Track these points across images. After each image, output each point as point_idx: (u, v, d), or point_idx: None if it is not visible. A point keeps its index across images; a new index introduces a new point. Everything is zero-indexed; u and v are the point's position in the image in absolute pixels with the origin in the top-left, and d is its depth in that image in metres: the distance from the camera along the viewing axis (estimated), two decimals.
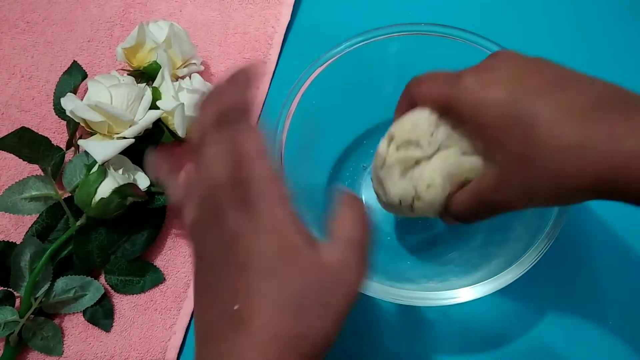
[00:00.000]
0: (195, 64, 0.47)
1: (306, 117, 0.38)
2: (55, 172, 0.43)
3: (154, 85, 0.44)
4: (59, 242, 0.41)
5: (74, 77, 0.46)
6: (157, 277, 0.42)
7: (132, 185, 0.39)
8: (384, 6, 0.53)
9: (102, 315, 0.41)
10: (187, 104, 0.43)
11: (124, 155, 0.41)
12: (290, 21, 0.52)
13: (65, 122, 0.46)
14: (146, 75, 0.46)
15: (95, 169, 0.40)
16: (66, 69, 0.46)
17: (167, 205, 0.43)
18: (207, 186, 0.24)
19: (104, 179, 0.39)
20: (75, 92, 0.45)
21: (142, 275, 0.42)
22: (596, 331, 0.40)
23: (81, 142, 0.40)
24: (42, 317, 0.40)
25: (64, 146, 0.44)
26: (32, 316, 0.40)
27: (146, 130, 0.42)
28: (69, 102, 0.41)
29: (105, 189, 0.39)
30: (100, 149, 0.39)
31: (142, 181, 0.41)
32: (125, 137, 0.40)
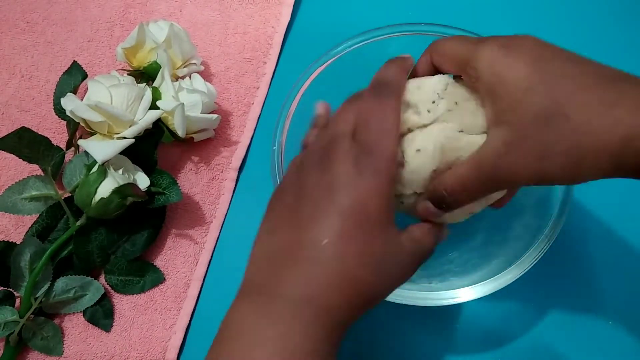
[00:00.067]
0: (195, 64, 0.47)
1: (306, 117, 0.38)
2: (55, 172, 0.43)
3: (154, 85, 0.44)
4: (59, 242, 0.41)
5: (74, 77, 0.46)
6: (157, 277, 0.42)
7: (132, 185, 0.39)
8: (384, 6, 0.53)
9: (102, 315, 0.41)
10: (187, 104, 0.43)
11: (124, 155, 0.41)
12: (290, 21, 0.52)
13: (65, 122, 0.46)
14: (146, 75, 0.46)
15: (95, 169, 0.40)
16: (66, 69, 0.46)
17: (167, 205, 0.43)
18: (331, 133, 0.28)
19: (104, 179, 0.39)
20: (75, 92, 0.45)
21: (142, 275, 0.42)
22: (596, 331, 0.40)
23: (81, 142, 0.40)
24: (42, 317, 0.40)
25: (64, 146, 0.44)
26: (32, 316, 0.40)
27: (146, 130, 0.42)
28: (69, 102, 0.41)
29: (105, 189, 0.39)
30: (100, 149, 0.39)
31: (142, 181, 0.41)
32: (125, 137, 0.40)
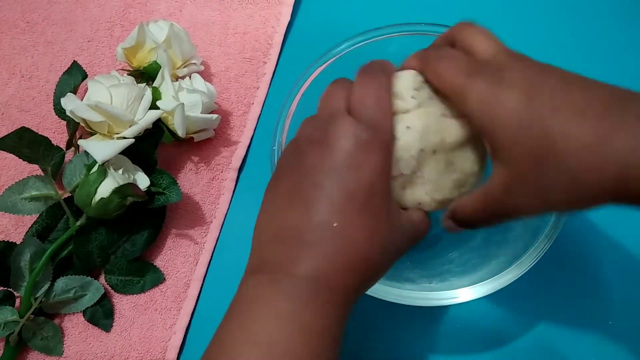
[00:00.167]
0: (195, 64, 0.47)
1: (306, 117, 0.38)
2: (55, 172, 0.43)
3: (154, 85, 0.44)
4: (59, 242, 0.41)
5: (74, 77, 0.46)
6: (157, 277, 0.42)
7: (132, 185, 0.39)
8: (384, 6, 0.53)
9: (102, 315, 0.41)
10: (187, 104, 0.43)
11: (124, 155, 0.41)
12: (290, 21, 0.52)
13: (65, 122, 0.46)
14: (146, 75, 0.46)
15: (95, 169, 0.40)
16: (66, 69, 0.46)
17: (167, 205, 0.43)
18: (325, 112, 0.29)
19: (104, 179, 0.39)
20: (75, 92, 0.45)
21: (142, 275, 0.42)
22: (596, 331, 0.40)
23: (81, 142, 0.40)
24: (42, 317, 0.40)
25: (64, 146, 0.44)
26: (32, 316, 0.40)
27: (146, 130, 0.42)
28: (69, 102, 0.41)
29: (105, 189, 0.39)
30: (100, 149, 0.39)
31: (142, 181, 0.41)
32: (125, 137, 0.40)
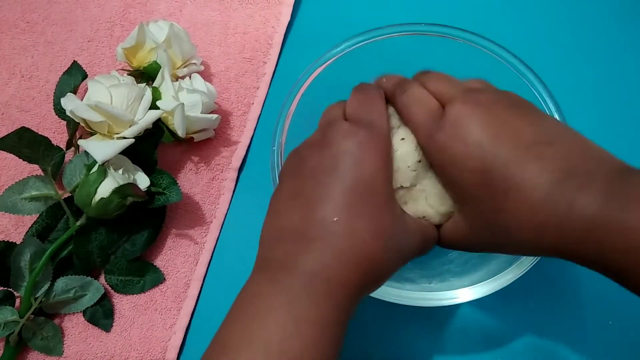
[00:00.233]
0: (195, 64, 0.47)
1: (306, 117, 0.38)
2: (55, 172, 0.43)
3: (154, 85, 0.44)
4: (59, 242, 0.41)
5: (74, 77, 0.46)
6: (157, 277, 0.42)
7: (132, 185, 0.39)
8: (384, 6, 0.53)
9: (102, 315, 0.41)
10: (187, 104, 0.43)
11: (124, 155, 0.41)
12: (290, 21, 0.52)
13: (65, 122, 0.46)
14: (146, 75, 0.46)
15: (95, 169, 0.40)
16: (66, 69, 0.46)
17: (167, 205, 0.43)
18: (324, 122, 0.31)
19: (104, 179, 0.39)
20: (75, 92, 0.45)
21: (142, 275, 0.42)
22: (596, 331, 0.40)
23: (81, 142, 0.40)
24: (42, 317, 0.40)
25: (64, 146, 0.44)
26: (32, 316, 0.40)
27: (146, 130, 0.42)
28: (69, 102, 0.41)
29: (105, 189, 0.39)
30: (100, 149, 0.39)
31: (142, 181, 0.41)
32: (125, 137, 0.40)
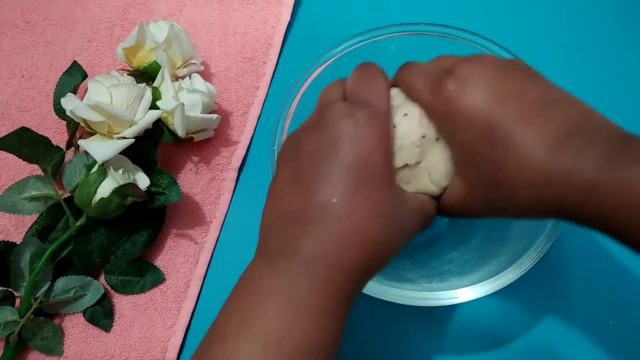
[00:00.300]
0: (195, 64, 0.47)
1: (306, 117, 0.38)
2: (55, 172, 0.43)
3: (154, 85, 0.44)
4: (59, 242, 0.41)
5: (74, 77, 0.46)
6: (157, 277, 0.42)
7: (132, 185, 0.39)
8: (384, 6, 0.53)
9: (102, 315, 0.41)
10: (187, 104, 0.43)
11: (124, 155, 0.41)
12: (290, 21, 0.52)
13: (65, 122, 0.46)
14: (146, 75, 0.46)
15: (95, 169, 0.40)
16: (66, 69, 0.46)
17: (167, 205, 0.43)
18: (321, 104, 0.31)
19: (104, 179, 0.39)
20: (75, 92, 0.45)
21: (142, 275, 0.42)
22: (596, 331, 0.40)
23: (81, 142, 0.40)
24: (42, 317, 0.40)
25: (64, 146, 0.44)
26: (32, 316, 0.40)
27: (146, 130, 0.42)
28: (69, 102, 0.41)
29: (105, 189, 0.39)
30: (100, 149, 0.39)
31: (142, 181, 0.41)
32: (125, 137, 0.40)
